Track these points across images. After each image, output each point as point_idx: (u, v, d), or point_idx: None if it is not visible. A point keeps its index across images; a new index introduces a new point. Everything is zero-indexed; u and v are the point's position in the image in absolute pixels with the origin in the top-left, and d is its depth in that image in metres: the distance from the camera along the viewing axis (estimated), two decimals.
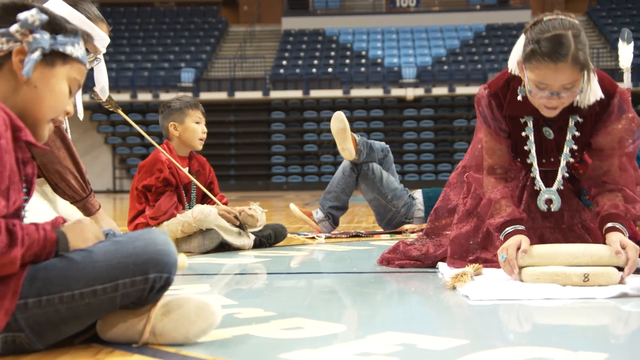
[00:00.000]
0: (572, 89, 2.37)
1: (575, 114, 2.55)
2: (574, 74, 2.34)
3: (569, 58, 2.30)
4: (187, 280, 2.84)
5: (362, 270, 2.99)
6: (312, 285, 2.67)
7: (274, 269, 3.19)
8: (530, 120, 2.61)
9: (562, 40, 2.30)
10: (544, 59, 2.31)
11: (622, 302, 2.15)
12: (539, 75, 2.36)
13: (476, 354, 1.52)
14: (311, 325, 1.84)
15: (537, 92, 2.39)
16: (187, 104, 4.01)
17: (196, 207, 3.77)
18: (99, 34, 2.72)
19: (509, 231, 2.50)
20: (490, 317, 2.02)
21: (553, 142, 2.63)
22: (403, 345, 1.61)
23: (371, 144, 4.74)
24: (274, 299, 2.35)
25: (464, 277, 2.41)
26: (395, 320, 1.96)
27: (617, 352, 1.56)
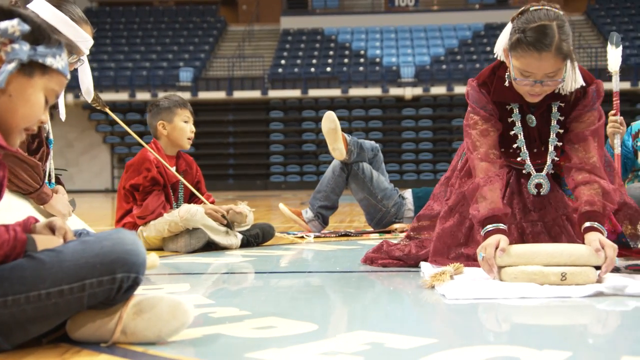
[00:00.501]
0: (555, 77, 2.48)
1: (557, 100, 2.65)
2: (557, 63, 2.44)
3: (553, 48, 2.40)
4: (171, 279, 2.85)
5: (345, 270, 2.99)
6: (292, 284, 2.67)
7: (258, 268, 3.20)
8: (517, 107, 2.70)
9: (547, 31, 2.40)
10: (529, 48, 2.41)
11: (597, 301, 2.16)
12: (523, 63, 2.45)
13: (440, 353, 1.53)
14: (283, 325, 1.85)
15: (521, 80, 2.49)
16: (176, 103, 4.02)
17: (183, 207, 3.78)
18: (82, 36, 2.73)
19: (490, 229, 2.52)
20: (462, 316, 2.03)
21: (535, 129, 2.73)
22: (371, 345, 1.62)
23: (361, 144, 4.75)
24: (251, 298, 2.36)
25: (443, 276, 2.42)
26: (369, 319, 1.96)
27: (582, 351, 1.57)
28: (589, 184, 2.58)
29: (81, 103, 22.64)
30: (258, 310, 2.06)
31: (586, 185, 2.58)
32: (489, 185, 2.61)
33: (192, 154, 22.57)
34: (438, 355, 1.52)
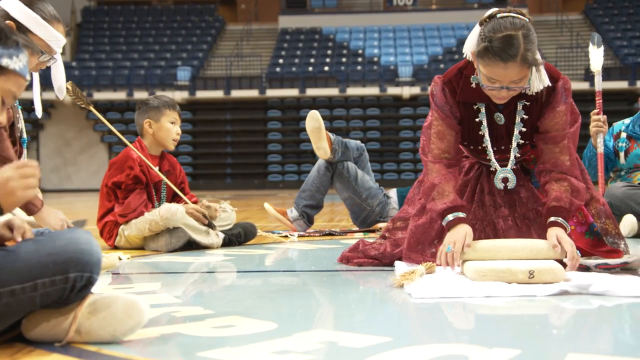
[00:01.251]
0: (520, 83, 2.53)
1: (523, 99, 2.69)
2: (522, 72, 2.49)
3: (518, 58, 2.45)
4: (146, 278, 2.86)
5: (320, 269, 3.00)
6: (263, 283, 2.68)
7: (234, 267, 3.20)
8: (483, 106, 2.74)
9: (512, 41, 2.44)
10: (495, 58, 2.46)
11: (562, 299, 2.17)
12: (489, 71, 2.50)
13: (390, 351, 1.54)
14: (243, 324, 1.86)
15: (488, 86, 2.55)
16: (165, 103, 4.03)
17: (164, 206, 3.79)
18: (54, 35, 2.73)
19: (451, 219, 2.60)
20: (423, 315, 2.04)
21: (503, 127, 2.77)
22: (324, 343, 1.63)
23: (346, 143, 4.76)
24: (219, 297, 2.38)
25: (412, 275, 2.43)
26: (330, 318, 1.98)
27: (531, 348, 1.58)
28: (559, 182, 2.65)
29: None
30: (222, 310, 2.07)
31: (556, 182, 2.65)
32: (444, 182, 2.68)
33: (190, 153, 22.71)
34: (387, 353, 1.53)
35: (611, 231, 2.83)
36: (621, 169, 4.49)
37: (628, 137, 4.45)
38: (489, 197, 2.85)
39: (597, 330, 1.82)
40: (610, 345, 1.61)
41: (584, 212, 2.80)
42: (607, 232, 2.82)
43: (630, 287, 2.20)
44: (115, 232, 3.87)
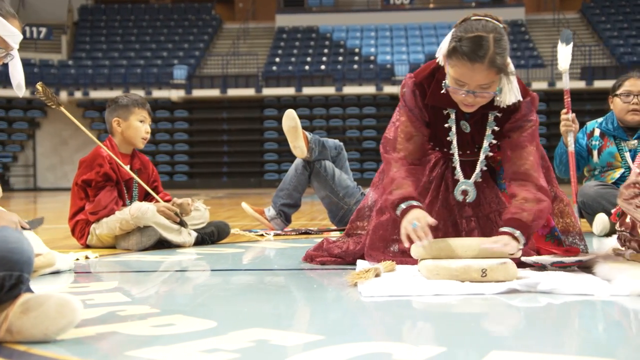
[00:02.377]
0: (488, 90, 2.50)
1: (494, 110, 2.66)
2: (490, 76, 2.46)
3: (486, 60, 2.42)
4: (107, 277, 2.87)
5: (283, 268, 3.02)
6: (222, 282, 2.69)
7: (198, 266, 3.21)
8: (453, 112, 2.71)
9: (482, 42, 2.42)
10: (463, 58, 2.43)
11: (510, 297, 2.18)
12: (457, 72, 2.47)
13: (319, 349, 1.55)
14: (184, 323, 1.86)
15: (455, 89, 2.51)
16: (135, 101, 4.03)
17: (134, 204, 3.79)
18: (9, 30, 2.73)
19: (404, 207, 2.57)
20: (364, 314, 2.04)
21: (469, 135, 2.75)
22: (256, 342, 1.64)
23: (324, 142, 4.77)
24: (170, 296, 2.39)
25: (367, 273, 2.44)
26: (271, 317, 1.98)
27: (457, 346, 1.59)
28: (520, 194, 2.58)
29: (75, 101, 22.70)
30: (168, 308, 2.08)
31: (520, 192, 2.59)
32: (403, 178, 2.66)
33: (186, 151, 22.72)
34: (313, 351, 1.54)
35: (572, 230, 2.83)
36: (595, 168, 4.49)
37: (601, 135, 4.45)
38: (453, 196, 2.84)
39: (532, 328, 1.82)
40: (538, 342, 1.61)
41: (547, 217, 2.79)
42: (568, 231, 2.83)
43: (577, 285, 2.21)
44: (87, 231, 3.88)
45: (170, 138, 23.02)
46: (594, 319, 1.98)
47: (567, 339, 1.68)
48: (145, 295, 2.43)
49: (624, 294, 2.14)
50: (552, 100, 21.14)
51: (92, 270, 3.07)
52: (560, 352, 1.52)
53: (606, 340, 1.70)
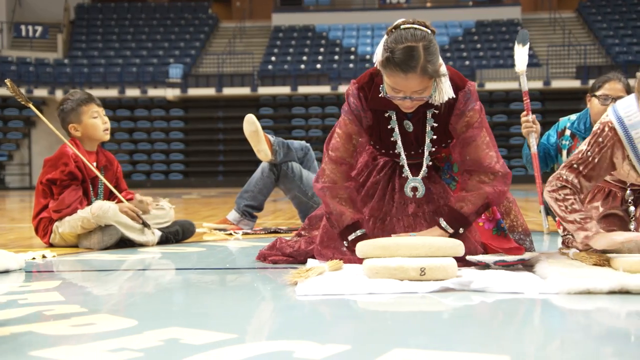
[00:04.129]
0: (423, 94, 2.59)
1: (431, 108, 2.74)
2: (423, 82, 2.54)
3: (418, 69, 2.51)
4: (50, 277, 2.87)
5: (234, 267, 3.02)
6: (165, 281, 2.69)
7: (151, 265, 3.21)
8: (394, 114, 2.79)
9: (413, 53, 2.50)
10: (396, 69, 2.52)
11: (443, 295, 2.19)
12: (392, 81, 2.57)
13: (224, 348, 1.55)
14: (105, 322, 1.86)
15: (392, 95, 2.61)
16: (80, 101, 3.97)
17: (95, 203, 3.79)
18: None
19: (353, 239, 2.74)
20: (288, 312, 2.04)
21: (412, 134, 2.82)
22: (167, 341, 1.64)
23: (288, 144, 4.79)
24: (104, 295, 2.39)
25: (307, 272, 2.45)
26: (193, 316, 1.98)
27: (362, 344, 1.60)
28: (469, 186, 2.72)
29: None
30: (97, 308, 2.08)
31: (467, 187, 2.73)
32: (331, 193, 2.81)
33: (182, 150, 22.74)
34: (219, 350, 1.53)
35: (518, 228, 2.85)
36: None
37: (572, 135, 4.43)
38: (400, 195, 2.87)
39: (445, 326, 1.83)
40: (443, 340, 1.62)
41: (493, 209, 2.83)
42: (514, 228, 2.86)
43: (508, 284, 2.22)
44: (50, 229, 3.88)
45: (165, 137, 23.04)
46: (513, 316, 1.98)
47: (472, 336, 1.68)
48: (82, 294, 2.43)
49: (553, 292, 2.14)
50: (547, 99, 21.16)
51: (46, 270, 3.07)
52: (458, 350, 1.52)
53: (509, 337, 1.70)
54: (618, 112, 2.58)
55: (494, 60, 22.37)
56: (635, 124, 2.54)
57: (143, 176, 22.82)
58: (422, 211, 2.83)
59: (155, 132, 23.13)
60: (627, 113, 2.56)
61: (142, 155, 22.99)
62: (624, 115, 2.56)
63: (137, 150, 23.02)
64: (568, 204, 2.58)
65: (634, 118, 2.54)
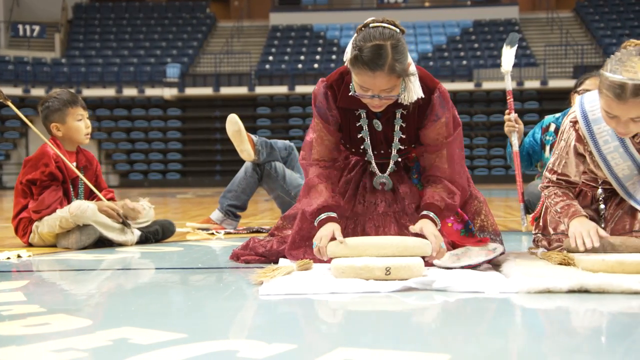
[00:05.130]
0: (391, 93, 2.58)
1: (400, 108, 2.74)
2: (391, 81, 2.53)
3: (386, 68, 2.50)
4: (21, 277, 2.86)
5: (207, 266, 3.01)
6: (129, 281, 2.69)
7: (123, 265, 3.20)
8: (364, 112, 2.79)
9: (380, 51, 2.49)
10: (364, 67, 2.51)
11: (405, 295, 2.19)
12: (360, 79, 2.55)
13: (170, 347, 1.55)
14: (60, 322, 1.85)
15: (360, 94, 2.60)
16: (66, 102, 3.96)
17: (74, 203, 3.79)
18: None
19: (322, 218, 2.69)
20: (243, 312, 2.04)
21: (381, 133, 2.82)
22: (115, 341, 1.63)
23: (272, 144, 4.79)
24: (68, 295, 2.39)
25: (273, 272, 2.44)
26: (148, 315, 1.97)
27: (308, 343, 1.60)
28: (435, 184, 2.74)
29: None
30: (56, 308, 2.07)
31: (433, 185, 2.75)
32: (322, 183, 2.77)
33: (179, 150, 22.74)
34: (165, 350, 1.53)
35: (488, 227, 2.85)
36: (546, 163, 4.48)
37: (555, 131, 4.42)
38: (370, 194, 2.88)
39: (396, 325, 1.83)
40: (388, 338, 1.62)
41: (460, 212, 2.84)
42: (484, 228, 2.86)
43: (469, 283, 2.22)
44: (30, 229, 3.88)
45: (163, 136, 23.05)
46: (466, 315, 1.98)
47: (419, 335, 1.68)
48: (45, 294, 2.42)
49: (513, 291, 2.14)
50: (544, 99, 21.16)
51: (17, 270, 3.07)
52: (401, 349, 1.52)
53: (456, 336, 1.70)
54: (584, 105, 2.64)
55: (491, 60, 22.36)
56: (599, 119, 2.59)
57: (140, 175, 22.84)
58: (392, 210, 2.83)
59: (152, 131, 23.14)
60: (592, 107, 2.61)
61: (140, 154, 23.01)
62: (589, 109, 2.62)
63: (134, 149, 23.04)
64: (552, 199, 2.70)
65: (598, 113, 2.58)
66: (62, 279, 2.79)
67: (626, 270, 2.27)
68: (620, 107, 2.36)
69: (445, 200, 2.67)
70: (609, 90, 2.37)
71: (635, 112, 2.37)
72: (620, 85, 2.33)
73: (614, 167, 2.65)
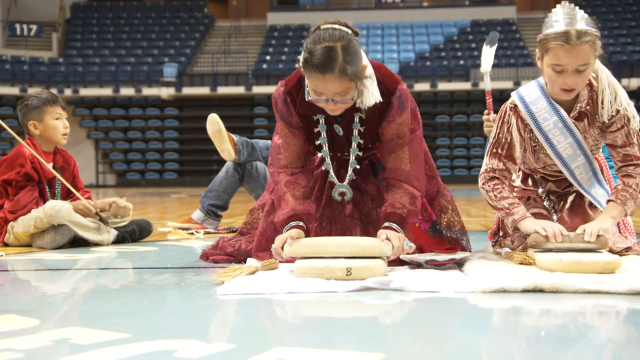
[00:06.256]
0: (345, 96, 2.50)
1: (358, 112, 2.66)
2: (343, 84, 2.45)
3: (336, 70, 2.42)
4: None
5: (175, 266, 3.01)
6: (87, 281, 2.69)
7: (94, 265, 3.19)
8: (322, 118, 2.70)
9: (330, 54, 2.41)
10: (314, 70, 2.43)
11: (362, 295, 2.18)
12: (312, 83, 2.48)
13: (110, 347, 1.53)
14: (7, 323, 1.83)
15: (314, 98, 2.53)
16: (45, 100, 3.96)
17: (49, 203, 3.79)
18: None
19: (290, 226, 2.62)
20: (192, 313, 2.01)
21: (343, 138, 2.75)
22: (56, 341, 1.62)
23: (253, 144, 4.78)
24: (26, 295, 2.39)
25: (235, 272, 2.44)
26: (97, 316, 1.96)
27: (246, 343, 1.59)
28: (395, 188, 2.65)
29: (65, 98, 22.71)
30: (9, 308, 2.06)
31: (393, 190, 2.66)
32: (291, 191, 2.69)
33: (176, 149, 22.76)
34: (102, 350, 1.52)
35: (456, 225, 2.84)
36: None
37: None
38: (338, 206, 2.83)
39: (340, 325, 1.82)
40: (325, 338, 1.61)
41: (429, 210, 2.82)
42: (452, 225, 2.83)
43: (426, 283, 2.21)
44: (5, 229, 3.87)
45: (160, 136, 23.06)
46: (414, 315, 1.99)
47: (358, 335, 1.67)
48: (3, 295, 2.42)
49: (469, 291, 2.13)
50: None
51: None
52: (337, 348, 1.52)
53: (397, 335, 1.69)
54: (520, 92, 2.79)
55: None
56: (535, 99, 2.72)
57: (137, 175, 22.85)
58: (357, 212, 2.80)
59: (149, 131, 23.16)
60: (528, 92, 2.75)
61: (137, 154, 23.02)
62: (525, 94, 2.75)
63: (131, 149, 23.05)
64: (497, 193, 2.68)
65: (534, 95, 2.73)
66: (27, 279, 2.79)
67: (583, 269, 2.27)
68: (568, 53, 2.51)
69: (406, 207, 2.59)
70: (556, 41, 2.52)
71: (583, 58, 2.51)
72: (565, 32, 2.52)
73: (557, 145, 2.72)
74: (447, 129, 22.42)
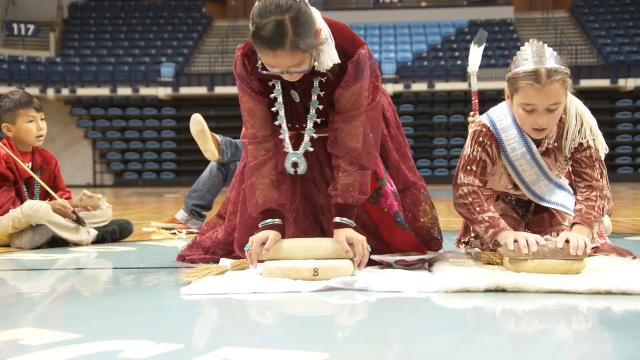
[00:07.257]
0: (301, 67, 2.31)
1: (318, 76, 2.50)
2: (297, 57, 2.28)
3: (287, 46, 2.24)
4: None
5: (149, 266, 3.00)
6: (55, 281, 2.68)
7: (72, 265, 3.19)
8: (278, 83, 2.55)
9: (279, 30, 2.22)
10: (264, 47, 2.25)
11: (326, 295, 2.18)
12: (263, 58, 2.31)
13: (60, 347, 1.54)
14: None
15: (268, 72, 2.36)
16: (18, 103, 3.91)
17: (27, 203, 3.78)
18: None
19: (266, 224, 2.55)
20: (149, 313, 2.00)
21: (300, 105, 2.60)
22: (5, 342, 1.62)
23: (236, 143, 4.77)
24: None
25: (202, 272, 2.43)
26: (56, 317, 1.96)
27: (194, 343, 1.59)
28: (347, 173, 2.52)
29: (63, 98, 22.74)
30: None
31: (344, 173, 2.52)
32: (256, 174, 2.58)
33: (174, 149, 22.73)
34: (49, 351, 1.52)
35: (427, 214, 2.78)
36: None
37: None
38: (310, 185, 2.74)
39: (292, 325, 1.82)
40: (279, 339, 1.61)
41: (390, 201, 2.69)
42: (424, 214, 2.77)
43: (389, 283, 2.21)
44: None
45: (157, 135, 23.04)
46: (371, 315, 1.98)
47: (308, 335, 1.67)
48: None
49: (432, 291, 2.13)
50: None
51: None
52: (284, 348, 1.51)
53: (347, 335, 1.69)
54: (491, 115, 2.71)
55: (485, 60, 22.29)
56: (506, 127, 2.66)
57: (135, 175, 22.85)
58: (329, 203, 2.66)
59: (147, 131, 23.15)
60: (499, 117, 2.68)
61: (134, 154, 23.01)
62: (496, 118, 2.68)
63: (129, 149, 23.04)
64: (476, 207, 2.61)
65: (505, 122, 2.66)
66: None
67: (547, 271, 2.26)
68: (538, 93, 2.46)
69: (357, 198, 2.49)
70: (525, 80, 2.47)
71: (554, 97, 2.46)
72: (534, 71, 2.46)
73: (522, 173, 2.70)
74: (445, 129, 22.39)
